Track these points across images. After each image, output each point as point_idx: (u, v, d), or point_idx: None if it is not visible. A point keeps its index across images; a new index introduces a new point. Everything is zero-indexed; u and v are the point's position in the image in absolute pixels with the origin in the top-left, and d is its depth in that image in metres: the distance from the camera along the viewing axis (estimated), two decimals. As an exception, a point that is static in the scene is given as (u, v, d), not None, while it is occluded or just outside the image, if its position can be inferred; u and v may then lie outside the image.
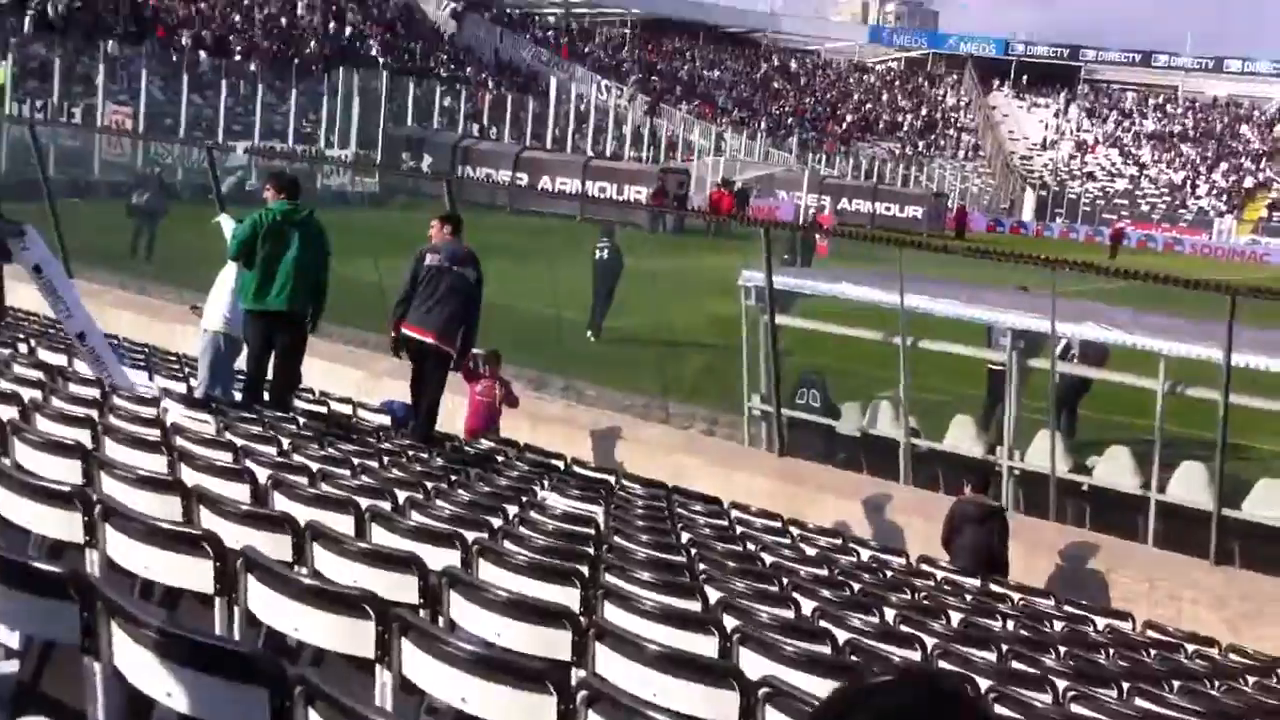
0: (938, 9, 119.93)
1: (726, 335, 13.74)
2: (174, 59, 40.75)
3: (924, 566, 8.47)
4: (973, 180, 74.22)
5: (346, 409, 11.16)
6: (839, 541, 8.95)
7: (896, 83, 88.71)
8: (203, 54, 43.61)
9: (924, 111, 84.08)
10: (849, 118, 78.97)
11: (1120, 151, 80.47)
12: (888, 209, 54.08)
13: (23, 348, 10.36)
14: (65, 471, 5.29)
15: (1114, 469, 10.85)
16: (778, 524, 9.12)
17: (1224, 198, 73.50)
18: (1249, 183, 74.66)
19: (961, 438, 11.65)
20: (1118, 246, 53.02)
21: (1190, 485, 10.24)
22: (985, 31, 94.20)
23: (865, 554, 8.60)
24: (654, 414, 12.89)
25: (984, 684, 4.53)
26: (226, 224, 10.68)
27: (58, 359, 10.06)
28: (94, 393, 8.08)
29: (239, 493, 5.71)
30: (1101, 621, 7.74)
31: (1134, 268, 11.55)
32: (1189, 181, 75.98)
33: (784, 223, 38.99)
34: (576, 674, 3.82)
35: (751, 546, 7.75)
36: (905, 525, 10.04)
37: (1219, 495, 9.58)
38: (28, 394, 7.03)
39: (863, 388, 13.08)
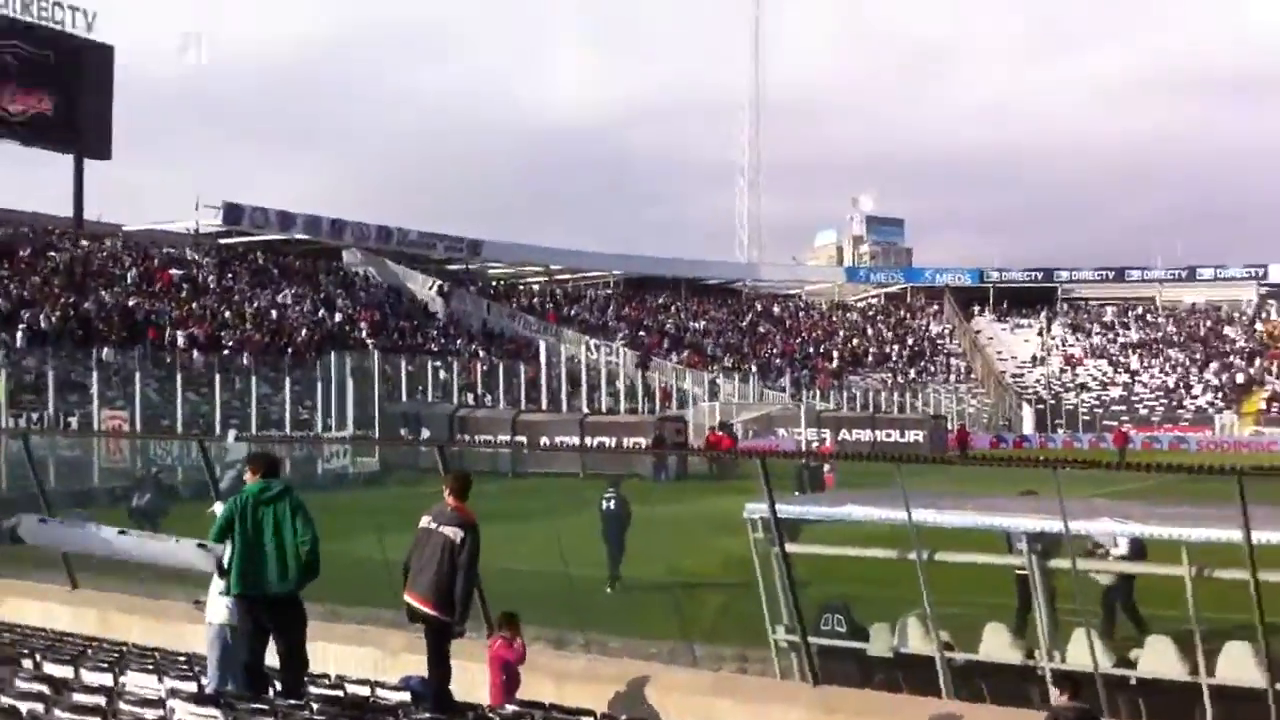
0: (910, 245, 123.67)
1: (742, 572, 13.45)
2: (168, 360, 41.48)
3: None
4: (968, 401, 74.80)
5: (364, 690, 10.78)
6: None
7: (879, 317, 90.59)
8: (195, 353, 44.46)
9: (910, 341, 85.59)
10: (837, 353, 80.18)
11: (1109, 362, 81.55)
12: (888, 435, 54.30)
13: (27, 663, 10.05)
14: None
15: (1158, 658, 10.48)
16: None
17: (1220, 394, 74.05)
18: (1241, 379, 75.34)
19: (997, 645, 11.27)
20: (1125, 450, 53.03)
21: (1239, 665, 9.91)
22: (958, 263, 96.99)
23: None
24: (681, 658, 12.48)
25: None
26: (221, 513, 10.60)
27: (63, 671, 9.72)
28: (100, 700, 7.80)
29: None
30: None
31: (1140, 462, 11.46)
32: (1182, 384, 76.74)
33: (783, 452, 38.99)
34: None
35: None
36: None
37: (1270, 670, 9.25)
38: (26, 706, 6.76)
39: (889, 609, 12.71)
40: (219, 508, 11.00)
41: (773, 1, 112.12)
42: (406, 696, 10.35)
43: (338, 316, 58.39)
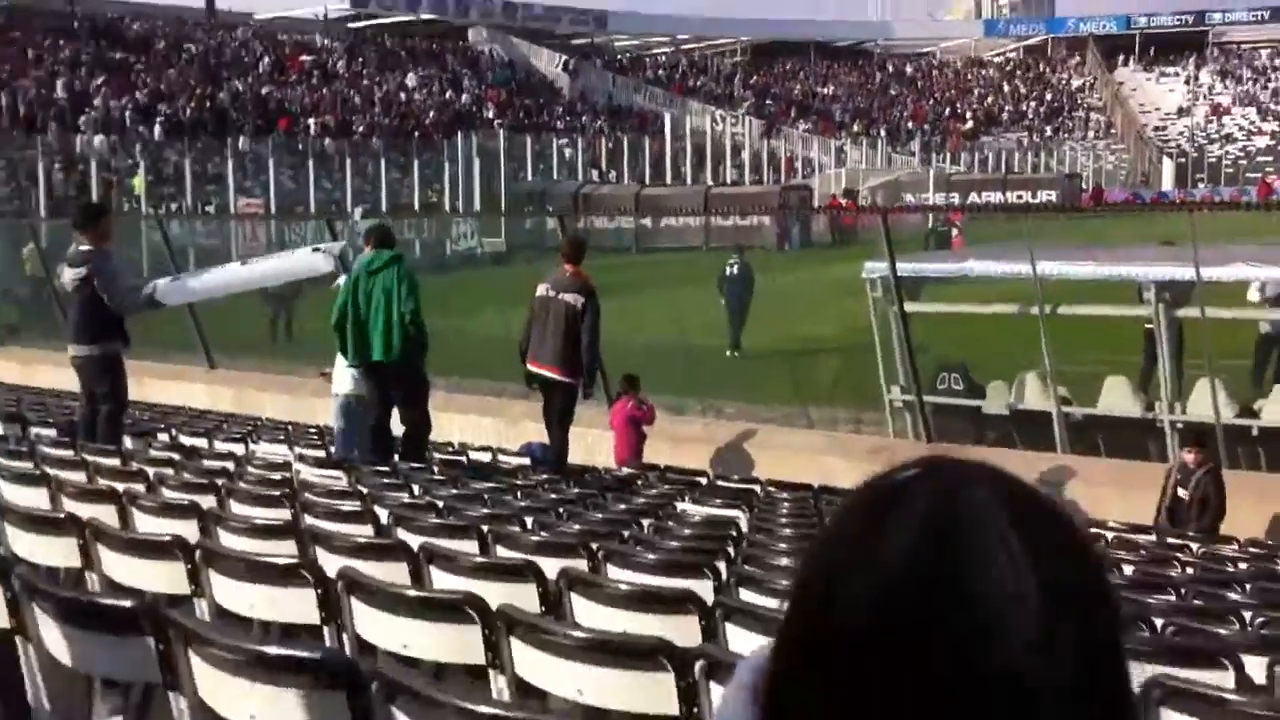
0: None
1: (859, 335, 13.39)
2: (300, 148, 42.03)
3: (1093, 529, 8.02)
4: (1106, 158, 71.94)
5: (486, 456, 11.12)
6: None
7: (1017, 73, 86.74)
8: (326, 139, 44.92)
9: (1048, 97, 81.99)
10: (971, 113, 77.47)
11: (1258, 110, 77.13)
12: (1019, 197, 52.68)
13: (163, 436, 10.52)
14: (182, 531, 5.27)
15: (1282, 408, 10.25)
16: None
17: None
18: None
19: (1116, 399, 11.12)
20: (1270, 201, 50.74)
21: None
22: (1105, 10, 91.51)
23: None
24: (796, 422, 12.60)
25: (1160, 623, 4.18)
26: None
27: (196, 442, 10.15)
28: (228, 465, 8.14)
29: (362, 533, 5.63)
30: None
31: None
32: (1335, 132, 72.57)
33: (906, 206, 38.23)
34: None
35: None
36: (1065, 493, 9.57)
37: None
38: (154, 471, 7.11)
39: (1007, 367, 12.59)
40: (345, 279, 11.22)
41: None
42: (526, 461, 10.68)
43: (464, 97, 58.21)
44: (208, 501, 6.02)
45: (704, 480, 9.78)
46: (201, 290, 10.26)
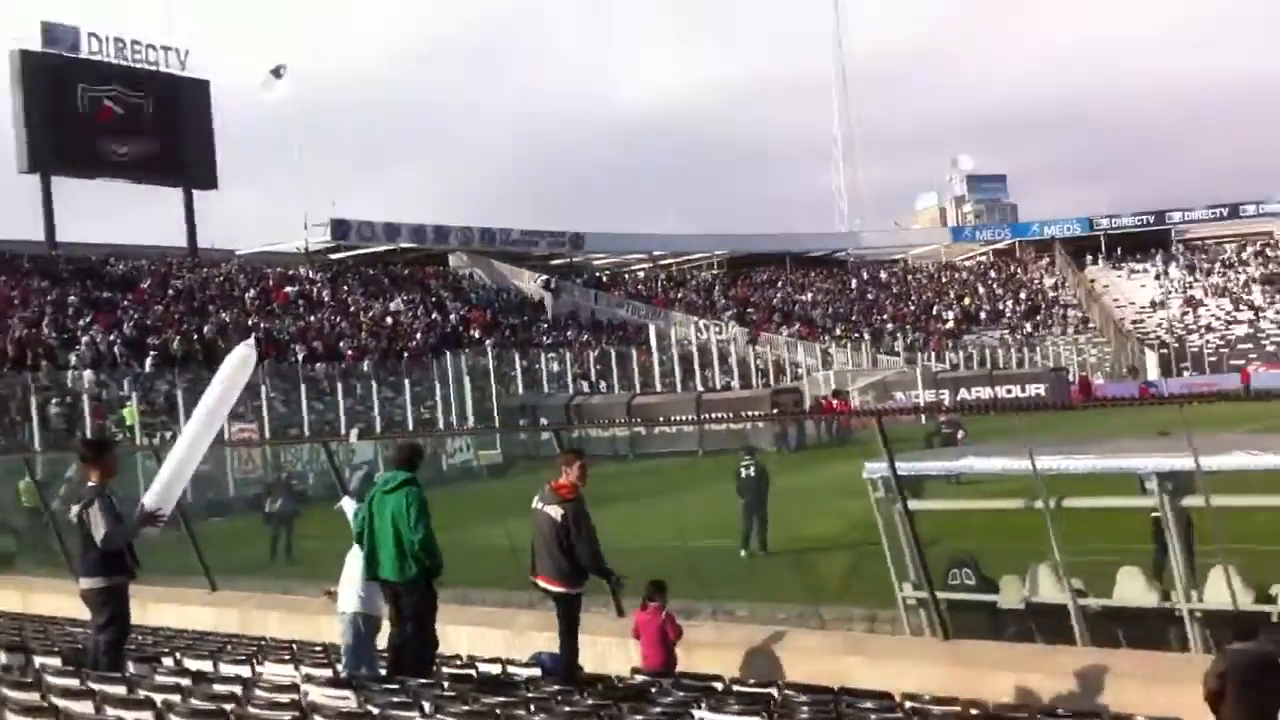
0: (1014, 201, 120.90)
1: (866, 533, 13.34)
2: (290, 372, 42.45)
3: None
4: (1089, 351, 73.12)
5: (495, 668, 10.95)
6: (1025, 717, 8.36)
7: (989, 274, 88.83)
8: (316, 364, 45.42)
9: (1023, 296, 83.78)
10: (949, 314, 78.94)
11: (1231, 300, 78.93)
12: (1008, 391, 53.31)
13: (167, 661, 10.35)
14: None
15: (1303, 593, 10.13)
16: (957, 709, 8.56)
17: (1351, 324, 71.43)
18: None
19: (1131, 589, 10.98)
20: (1249, 387, 51.40)
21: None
22: (1066, 213, 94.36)
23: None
24: (809, 622, 12.42)
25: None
26: (348, 506, 10.87)
27: (201, 665, 10.01)
28: (235, 689, 7.99)
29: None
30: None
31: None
32: (1309, 317, 74.15)
33: (902, 408, 38.53)
34: None
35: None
36: (1090, 688, 9.40)
37: None
38: (162, 698, 6.97)
39: (1017, 560, 12.49)
40: (347, 503, 11.24)
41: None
42: (537, 672, 10.49)
43: (451, 318, 59.24)
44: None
45: (719, 685, 9.58)
46: (173, 477, 10.23)
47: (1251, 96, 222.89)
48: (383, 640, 10.19)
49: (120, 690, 7.84)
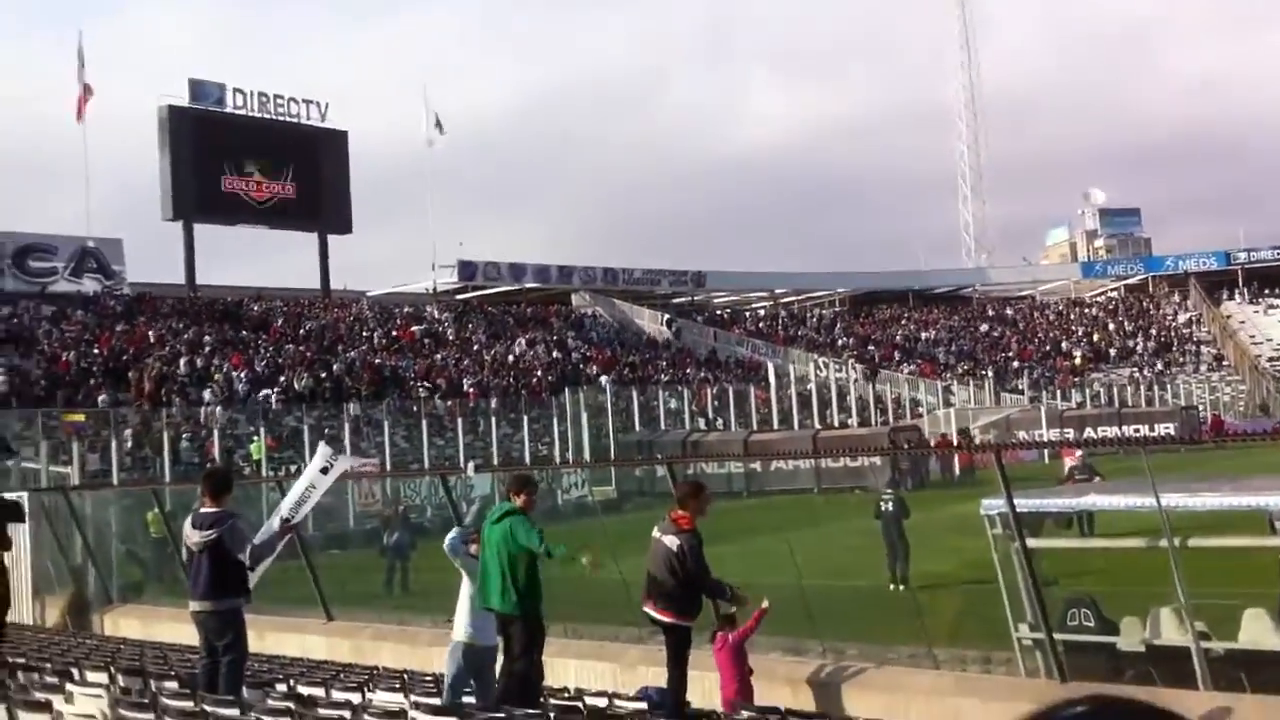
0: (1148, 235, 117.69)
1: (983, 572, 13.08)
2: (414, 409, 43.19)
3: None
4: (1222, 389, 70.80)
5: (602, 701, 10.94)
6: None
7: (1120, 310, 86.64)
8: (439, 401, 46.13)
9: (1154, 332, 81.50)
10: (1078, 351, 77.12)
11: (1371, 334, 75.93)
12: (1136, 430, 51.83)
13: (280, 687, 10.56)
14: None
15: None
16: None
17: None
18: None
19: (1258, 632, 10.57)
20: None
21: None
22: (1202, 247, 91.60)
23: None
24: (922, 663, 12.19)
25: None
26: (451, 536, 10.96)
27: (314, 691, 10.18)
28: (345, 714, 8.12)
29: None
30: None
31: None
32: None
33: (1022, 444, 37.69)
34: None
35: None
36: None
37: None
38: None
39: (1139, 602, 12.13)
40: (454, 533, 11.35)
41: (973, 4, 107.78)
42: (643, 705, 10.46)
43: (572, 357, 59.78)
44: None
45: (829, 725, 9.47)
46: (269, 541, 10.61)
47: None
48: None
49: (233, 713, 8.02)
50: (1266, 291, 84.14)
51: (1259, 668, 10.26)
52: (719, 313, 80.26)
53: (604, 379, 53.53)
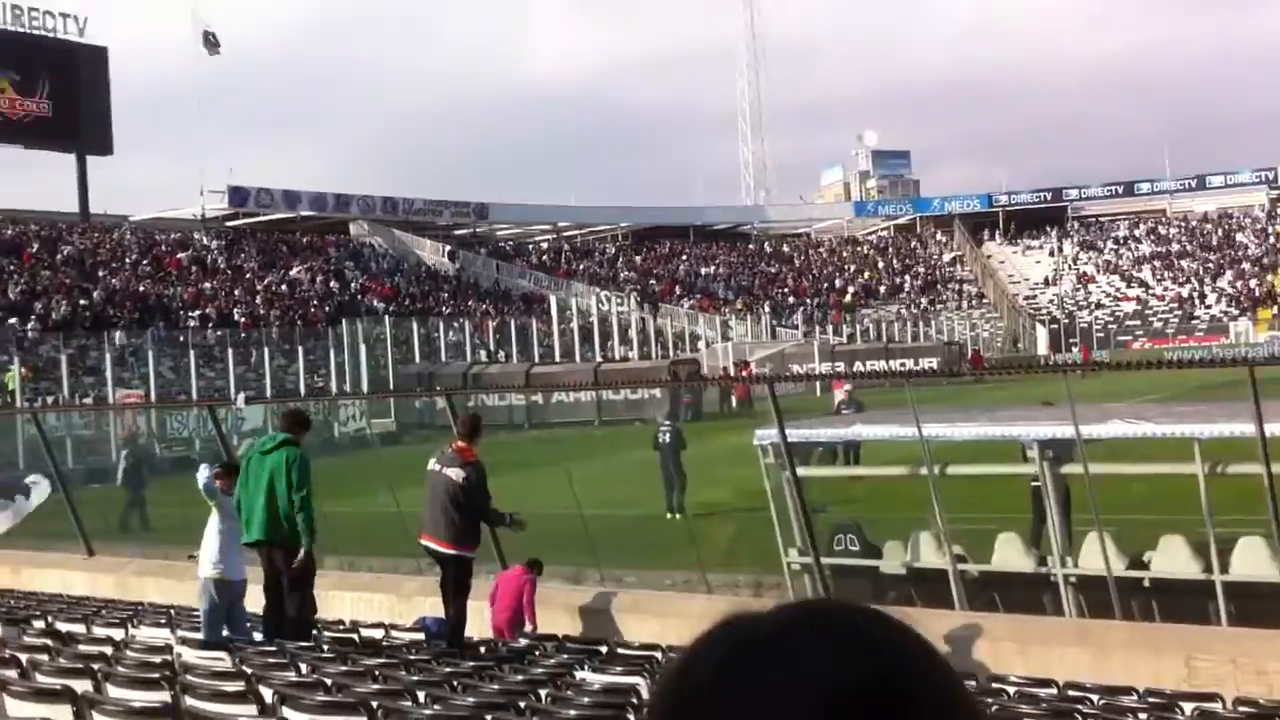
0: (917, 177, 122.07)
1: (755, 500, 13.43)
2: (181, 340, 41.59)
3: (994, 684, 7.98)
4: (982, 326, 74.42)
5: (378, 633, 10.82)
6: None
7: (890, 249, 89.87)
8: (208, 331, 44.53)
9: (921, 271, 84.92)
10: (850, 288, 79.74)
11: (1121, 277, 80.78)
12: (903, 365, 54.05)
13: (38, 624, 10.07)
14: (56, 717, 4.98)
15: (1172, 559, 10.37)
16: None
17: (1234, 303, 73.40)
18: (1255, 284, 74.61)
19: (1009, 555, 11.19)
20: (1137, 362, 52.71)
21: (1253, 560, 9.77)
22: (967, 189, 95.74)
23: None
24: (696, 588, 12.47)
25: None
26: (201, 473, 10.47)
27: (74, 627, 9.77)
28: (106, 649, 7.80)
29: (245, 713, 5.38)
30: (1189, 706, 7.21)
31: (1150, 359, 11.34)
32: (1195, 294, 76.00)
33: (794, 375, 38.84)
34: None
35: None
36: (966, 650, 9.55)
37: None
38: (26, 656, 6.76)
39: (900, 527, 12.67)
40: (203, 470, 10.74)
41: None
42: (420, 636, 10.39)
43: (350, 287, 58.44)
44: (83, 686, 5.71)
45: (604, 649, 9.57)
46: None
47: (1150, 73, 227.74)
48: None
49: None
50: (1025, 233, 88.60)
51: (1010, 587, 10.85)
52: (502, 245, 79.71)
53: (383, 309, 52.56)
